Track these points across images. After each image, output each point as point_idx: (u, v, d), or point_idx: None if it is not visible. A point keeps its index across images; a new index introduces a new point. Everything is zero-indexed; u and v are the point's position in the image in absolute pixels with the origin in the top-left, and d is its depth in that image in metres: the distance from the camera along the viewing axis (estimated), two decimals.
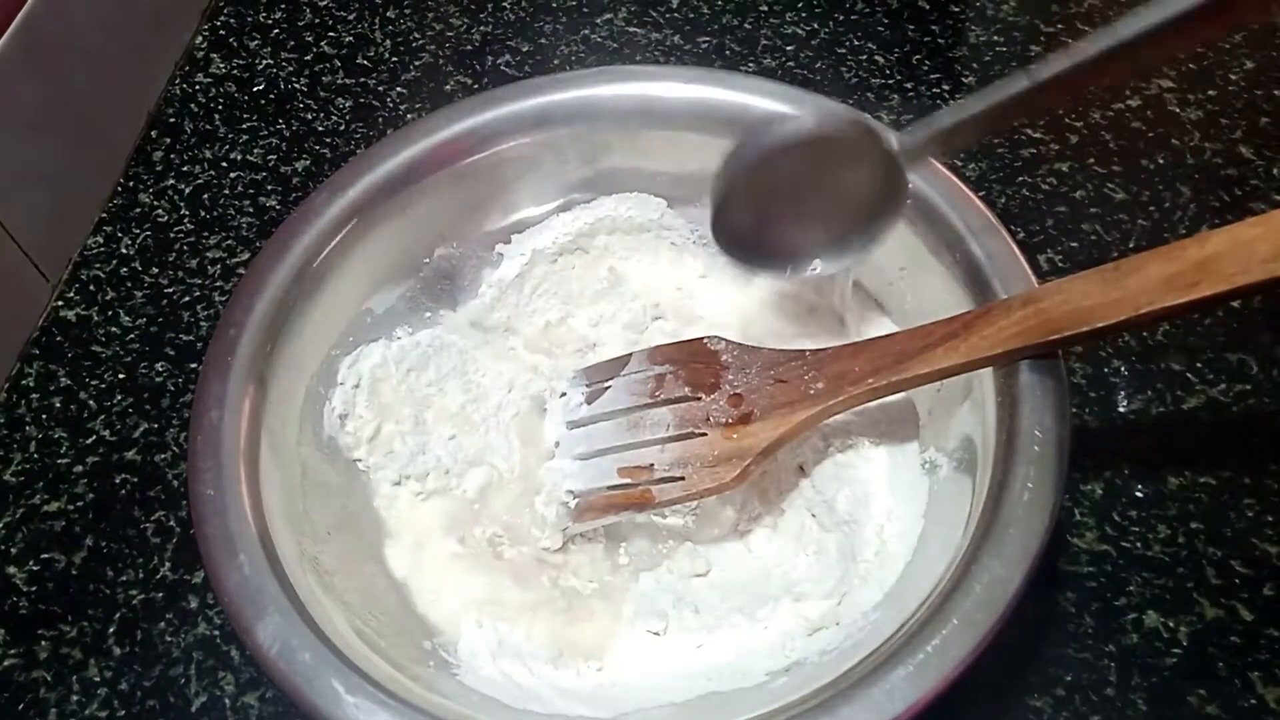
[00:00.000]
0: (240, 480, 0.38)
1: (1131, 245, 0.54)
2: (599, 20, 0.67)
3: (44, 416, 0.51)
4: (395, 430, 0.46)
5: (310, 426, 0.44)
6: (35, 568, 0.46)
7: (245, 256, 0.56)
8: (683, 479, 0.41)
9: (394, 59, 0.66)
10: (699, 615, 0.42)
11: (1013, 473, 0.36)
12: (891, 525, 0.42)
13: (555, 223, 0.51)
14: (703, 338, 0.44)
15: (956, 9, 0.66)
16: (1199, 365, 0.49)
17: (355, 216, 0.46)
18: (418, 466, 0.46)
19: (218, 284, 0.55)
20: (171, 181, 0.60)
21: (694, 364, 0.43)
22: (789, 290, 0.49)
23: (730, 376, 0.42)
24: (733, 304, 0.50)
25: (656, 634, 0.42)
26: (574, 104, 0.48)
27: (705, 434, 0.42)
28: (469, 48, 0.66)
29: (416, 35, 0.67)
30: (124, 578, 0.46)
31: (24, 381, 0.52)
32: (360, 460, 0.46)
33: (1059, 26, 0.65)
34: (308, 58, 0.66)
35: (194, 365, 0.52)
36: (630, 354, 0.45)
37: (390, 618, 0.40)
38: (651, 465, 0.42)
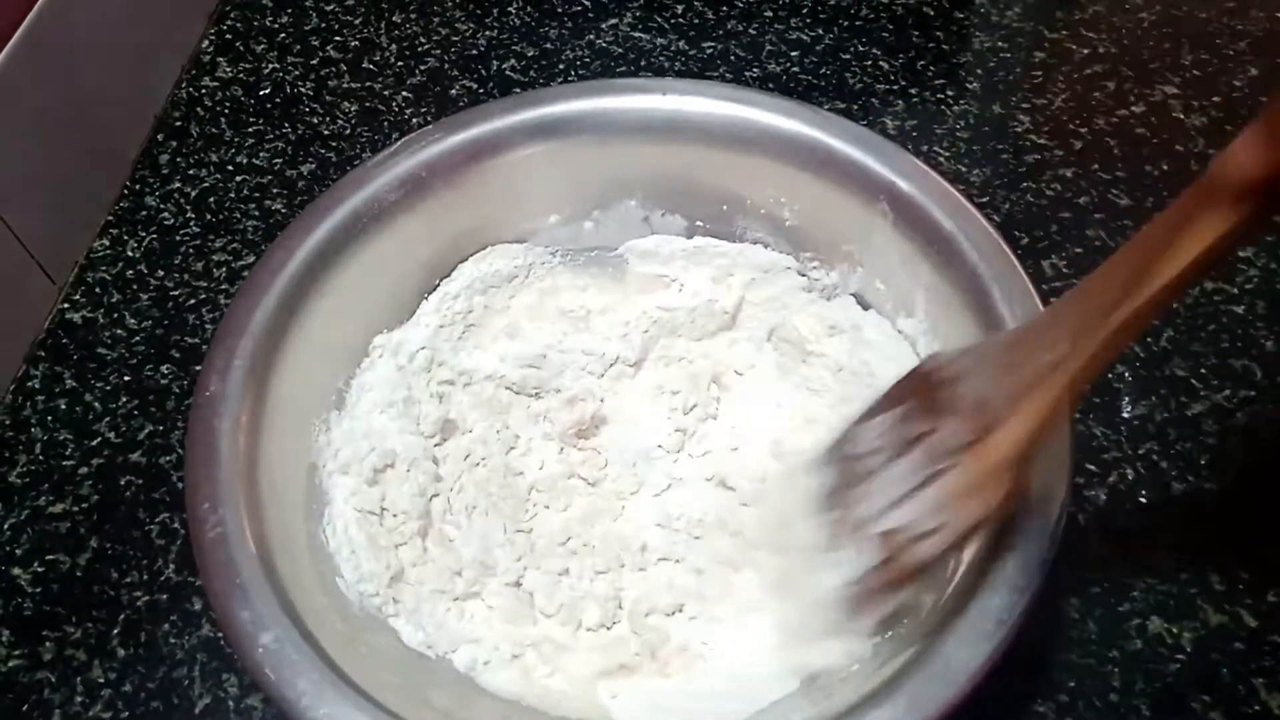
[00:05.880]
0: (240, 504, 0.38)
1: None
2: (604, 25, 0.67)
3: (49, 418, 0.51)
4: None
5: (314, 443, 0.44)
6: (40, 569, 0.46)
7: (251, 260, 0.56)
8: (941, 527, 0.35)
9: (400, 63, 0.66)
10: None
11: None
12: None
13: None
14: (920, 365, 0.37)
15: (961, 15, 0.66)
16: (1203, 371, 0.49)
17: (360, 220, 0.46)
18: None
19: (223, 287, 0.56)
20: (178, 185, 0.60)
21: (922, 397, 0.36)
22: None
23: (959, 389, 0.35)
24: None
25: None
26: (585, 116, 0.49)
27: (956, 465, 0.35)
28: (474, 52, 0.66)
29: (422, 40, 0.67)
30: (128, 579, 0.46)
31: (30, 384, 0.52)
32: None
33: (1063, 32, 0.65)
34: (313, 62, 0.67)
35: (199, 368, 0.52)
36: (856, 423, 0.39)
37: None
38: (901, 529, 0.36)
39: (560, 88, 0.50)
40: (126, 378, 0.52)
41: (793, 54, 0.65)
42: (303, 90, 0.65)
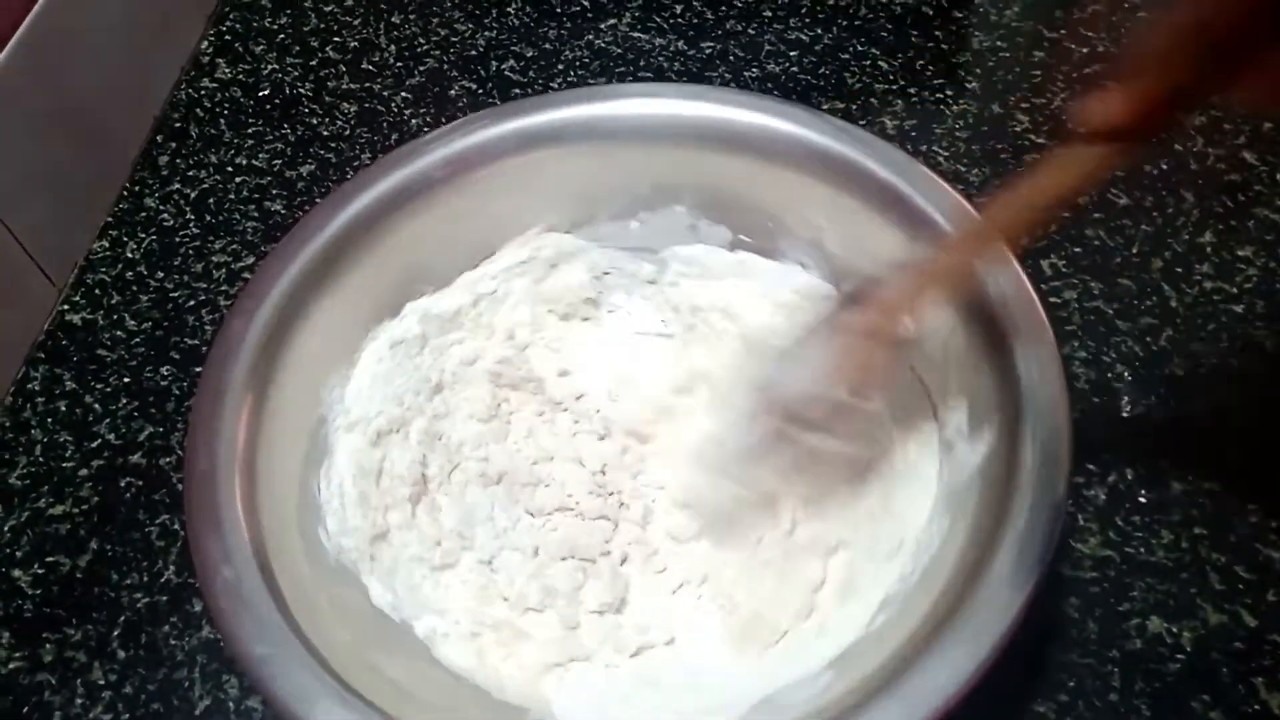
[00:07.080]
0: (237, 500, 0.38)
1: (1134, 250, 0.54)
2: (603, 26, 0.67)
3: (49, 420, 0.51)
4: None
5: (327, 396, 0.44)
6: (40, 571, 0.46)
7: (250, 261, 0.56)
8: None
9: (399, 64, 0.66)
10: None
11: (1015, 482, 0.36)
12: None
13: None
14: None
15: (960, 14, 0.66)
16: (1202, 370, 0.49)
17: (406, 193, 0.46)
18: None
19: (223, 288, 0.56)
20: (177, 186, 0.60)
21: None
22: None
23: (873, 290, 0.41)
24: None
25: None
26: (639, 117, 0.48)
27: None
28: (474, 53, 0.66)
29: (421, 40, 0.67)
30: (128, 581, 0.46)
31: (29, 385, 0.52)
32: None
33: (1061, 32, 0.65)
34: (313, 63, 0.67)
35: (199, 369, 0.52)
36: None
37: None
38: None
39: (616, 86, 0.50)
40: (126, 379, 0.52)
41: (791, 54, 0.65)
42: (302, 91, 0.65)
